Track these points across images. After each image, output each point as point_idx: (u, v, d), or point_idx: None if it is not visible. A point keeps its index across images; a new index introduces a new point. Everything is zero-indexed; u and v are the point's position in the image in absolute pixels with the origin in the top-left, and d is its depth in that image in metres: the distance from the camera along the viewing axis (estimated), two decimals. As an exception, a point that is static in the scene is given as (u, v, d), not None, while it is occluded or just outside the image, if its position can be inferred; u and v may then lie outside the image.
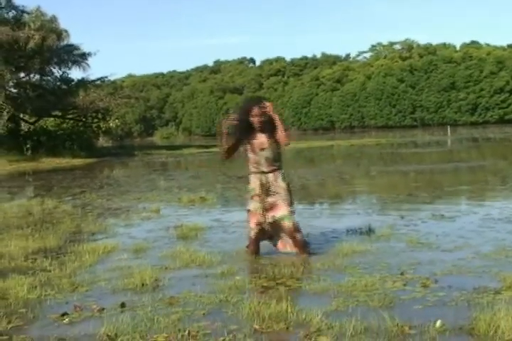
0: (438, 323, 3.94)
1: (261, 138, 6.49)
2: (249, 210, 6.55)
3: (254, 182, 6.50)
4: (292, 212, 6.48)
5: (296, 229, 6.45)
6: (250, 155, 6.52)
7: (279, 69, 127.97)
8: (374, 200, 11.93)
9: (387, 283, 5.13)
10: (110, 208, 11.63)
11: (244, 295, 4.90)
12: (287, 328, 4.10)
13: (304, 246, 6.48)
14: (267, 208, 6.42)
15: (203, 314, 4.49)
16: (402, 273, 5.44)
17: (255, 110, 6.40)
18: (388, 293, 4.79)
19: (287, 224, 6.39)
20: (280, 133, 6.47)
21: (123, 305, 4.77)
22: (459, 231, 7.54)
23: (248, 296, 4.81)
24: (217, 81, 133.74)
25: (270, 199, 6.43)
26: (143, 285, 5.38)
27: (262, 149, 6.47)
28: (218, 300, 4.80)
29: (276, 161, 6.58)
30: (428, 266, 5.71)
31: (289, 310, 4.37)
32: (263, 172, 6.49)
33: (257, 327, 4.11)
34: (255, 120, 6.41)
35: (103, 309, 4.72)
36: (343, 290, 4.96)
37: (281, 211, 6.41)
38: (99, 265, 6.40)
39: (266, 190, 6.44)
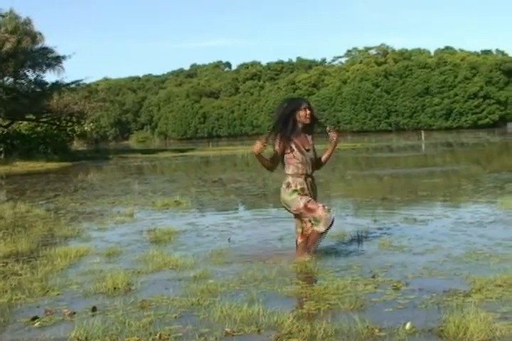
0: (408, 325, 3.98)
1: (305, 138, 6.34)
2: (306, 203, 6.21)
3: (296, 185, 6.27)
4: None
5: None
6: (297, 154, 6.27)
7: (255, 74, 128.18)
8: (348, 204, 11.98)
9: (358, 286, 5.16)
10: (84, 212, 11.57)
11: (217, 298, 4.89)
12: (258, 331, 4.11)
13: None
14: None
15: (175, 317, 4.49)
16: (373, 276, 5.48)
17: (304, 105, 6.27)
18: (359, 296, 4.82)
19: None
20: (329, 154, 6.60)
21: (94, 308, 4.75)
22: (431, 234, 7.61)
23: (220, 299, 4.81)
24: (193, 85, 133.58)
25: None
26: (115, 289, 5.35)
27: (308, 150, 6.33)
28: (190, 304, 4.80)
29: (314, 165, 6.46)
30: (400, 269, 5.76)
31: (261, 313, 4.39)
32: (307, 175, 6.32)
33: (228, 330, 4.11)
34: (303, 116, 6.24)
35: (74, 313, 4.69)
36: (315, 293, 4.99)
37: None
38: (71, 269, 6.36)
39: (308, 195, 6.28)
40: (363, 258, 6.33)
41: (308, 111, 6.28)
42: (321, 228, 6.17)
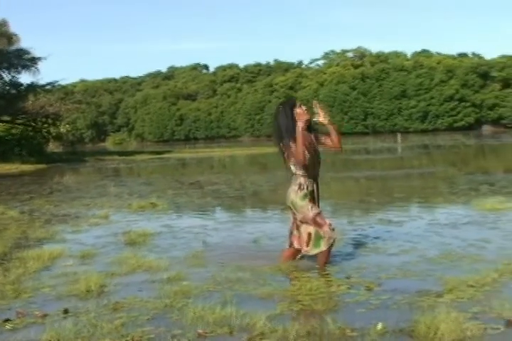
0: (379, 326, 4.00)
1: (310, 137, 6.12)
2: (317, 214, 6.01)
3: (307, 187, 6.05)
4: None
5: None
6: (307, 155, 6.02)
7: (232, 76, 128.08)
8: (324, 206, 11.97)
9: (332, 287, 5.18)
10: (58, 214, 11.48)
11: (190, 300, 4.89)
12: (231, 332, 4.11)
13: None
14: None
15: (148, 319, 4.48)
16: (347, 277, 5.50)
17: (298, 103, 6.15)
18: (333, 297, 4.84)
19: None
20: (334, 137, 6.22)
21: (66, 311, 4.72)
22: (406, 235, 7.65)
23: (193, 301, 4.80)
24: (170, 87, 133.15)
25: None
26: (88, 291, 5.32)
27: (315, 150, 6.15)
28: (163, 305, 4.79)
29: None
30: (374, 270, 5.78)
31: (234, 315, 4.38)
32: (316, 176, 6.14)
33: (200, 331, 4.11)
34: (301, 114, 6.06)
35: (46, 315, 4.66)
36: (289, 295, 5.00)
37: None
38: (44, 271, 6.32)
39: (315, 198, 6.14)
40: (337, 259, 6.34)
41: (304, 107, 6.14)
42: (322, 248, 5.96)
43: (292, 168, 6.15)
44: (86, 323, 4.36)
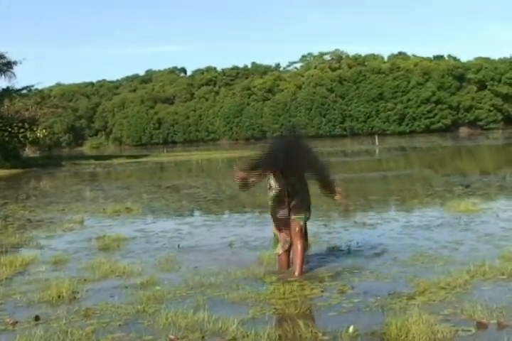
0: (351, 329, 4.00)
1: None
2: (279, 218, 6.11)
3: (276, 188, 6.13)
4: (307, 218, 6.16)
5: (303, 233, 6.11)
6: (272, 181, 6.18)
7: (210, 79, 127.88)
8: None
9: (305, 291, 5.18)
10: (33, 220, 11.39)
11: (162, 305, 4.86)
12: (203, 337, 4.10)
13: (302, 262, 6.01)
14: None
15: (119, 325, 4.45)
16: (320, 281, 5.50)
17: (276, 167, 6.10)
18: (305, 300, 4.84)
19: (299, 224, 6.03)
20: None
21: (37, 318, 4.68)
22: (379, 238, 7.68)
23: (166, 306, 4.78)
24: (148, 90, 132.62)
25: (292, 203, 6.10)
26: (59, 297, 5.28)
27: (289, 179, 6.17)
28: (135, 311, 4.76)
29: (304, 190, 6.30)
30: (347, 273, 5.80)
31: (206, 319, 4.37)
32: (287, 178, 6.13)
33: (172, 337, 4.08)
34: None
35: (16, 322, 4.62)
36: (261, 299, 4.98)
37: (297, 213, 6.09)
38: (15, 278, 6.26)
39: (290, 195, 6.11)
40: (311, 262, 6.34)
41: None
42: (277, 251, 6.08)
43: None
44: (57, 330, 4.33)
